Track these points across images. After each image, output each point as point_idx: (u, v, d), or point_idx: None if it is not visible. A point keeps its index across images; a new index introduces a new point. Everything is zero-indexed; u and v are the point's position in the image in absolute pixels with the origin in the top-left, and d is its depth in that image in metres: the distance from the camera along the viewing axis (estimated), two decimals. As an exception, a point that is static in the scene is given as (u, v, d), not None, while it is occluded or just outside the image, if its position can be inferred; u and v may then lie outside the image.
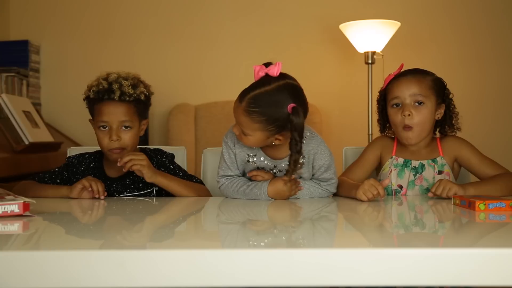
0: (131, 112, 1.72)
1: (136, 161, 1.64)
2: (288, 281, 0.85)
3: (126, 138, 1.71)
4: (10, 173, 2.32)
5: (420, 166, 1.72)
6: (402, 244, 1.01)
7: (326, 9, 3.57)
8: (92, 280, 0.84)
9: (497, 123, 3.51)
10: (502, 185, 1.61)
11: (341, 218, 1.45)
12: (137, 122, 1.75)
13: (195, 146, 3.43)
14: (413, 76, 1.70)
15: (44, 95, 3.66)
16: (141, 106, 1.75)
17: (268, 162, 1.65)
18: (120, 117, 1.70)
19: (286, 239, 1.06)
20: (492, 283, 0.85)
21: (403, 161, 1.74)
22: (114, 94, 1.68)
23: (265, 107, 1.50)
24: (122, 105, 1.70)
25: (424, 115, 1.68)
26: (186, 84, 3.66)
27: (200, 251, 0.89)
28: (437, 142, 1.76)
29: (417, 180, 1.71)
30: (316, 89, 3.19)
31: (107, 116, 1.70)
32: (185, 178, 1.79)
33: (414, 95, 1.68)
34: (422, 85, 1.68)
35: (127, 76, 1.74)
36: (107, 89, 1.69)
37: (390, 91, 1.73)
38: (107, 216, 1.45)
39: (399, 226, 1.24)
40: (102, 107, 1.70)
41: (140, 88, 1.74)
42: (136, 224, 1.27)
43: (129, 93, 1.69)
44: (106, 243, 1.05)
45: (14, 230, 1.13)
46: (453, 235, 1.11)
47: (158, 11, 3.67)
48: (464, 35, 3.53)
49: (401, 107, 1.69)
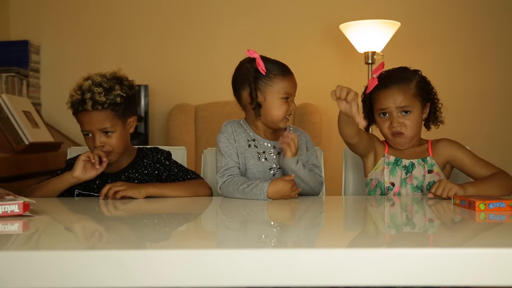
0: (109, 117, 1.70)
1: (117, 187, 1.63)
2: (288, 281, 0.85)
3: (110, 142, 1.72)
4: (10, 173, 2.31)
5: (411, 165, 1.74)
6: (402, 244, 1.01)
7: (326, 9, 3.57)
8: (92, 280, 0.84)
9: (498, 123, 3.51)
10: (499, 183, 1.64)
11: (341, 218, 1.45)
12: (119, 125, 1.73)
13: (195, 146, 3.43)
14: (397, 88, 1.72)
15: (44, 95, 3.66)
16: (120, 108, 1.72)
17: (268, 144, 1.76)
18: (98, 125, 1.70)
19: (286, 239, 1.06)
20: (492, 283, 0.85)
21: (394, 159, 1.76)
22: (86, 105, 1.68)
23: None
24: (97, 113, 1.69)
25: (412, 121, 1.72)
26: (186, 84, 3.66)
27: (200, 251, 0.89)
28: (428, 144, 1.79)
29: (408, 179, 1.74)
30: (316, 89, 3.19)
31: (87, 126, 1.71)
32: (180, 173, 1.80)
33: (400, 107, 1.71)
34: (407, 95, 1.71)
35: (102, 80, 1.71)
36: (80, 100, 1.69)
37: (376, 101, 1.76)
38: (107, 216, 1.45)
39: (399, 226, 1.24)
40: (81, 116, 1.72)
41: (115, 91, 1.70)
42: (136, 224, 1.27)
43: (101, 101, 1.67)
44: (106, 243, 1.05)
45: (14, 230, 1.13)
46: (453, 235, 1.11)
47: (159, 11, 3.67)
48: (464, 35, 3.53)
49: (389, 118, 1.73)
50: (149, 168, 1.80)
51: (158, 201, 1.67)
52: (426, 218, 1.35)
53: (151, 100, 3.58)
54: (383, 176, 1.74)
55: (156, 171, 1.80)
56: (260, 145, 1.76)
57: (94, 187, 1.77)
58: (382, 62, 1.75)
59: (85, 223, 1.31)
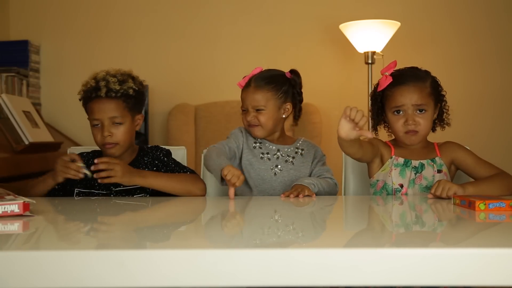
0: (121, 108, 1.76)
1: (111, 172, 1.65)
2: (288, 281, 0.85)
3: (118, 133, 1.75)
4: (10, 173, 2.31)
5: (420, 166, 1.74)
6: (402, 244, 1.01)
7: (326, 9, 3.56)
8: (92, 280, 0.84)
9: (498, 123, 3.51)
10: (499, 183, 1.65)
11: (341, 217, 1.45)
12: (128, 118, 1.78)
13: (195, 146, 3.43)
14: (414, 85, 1.71)
15: (44, 95, 3.66)
16: (131, 101, 1.78)
17: (273, 146, 1.88)
18: (109, 113, 1.74)
19: (286, 239, 1.06)
20: (492, 283, 0.85)
21: (403, 161, 1.75)
22: (100, 91, 1.73)
23: (270, 78, 1.85)
24: (110, 101, 1.74)
25: (426, 120, 1.72)
26: (186, 84, 3.66)
27: (200, 251, 0.89)
28: (434, 145, 1.80)
29: (417, 179, 1.73)
30: (316, 89, 3.19)
31: (97, 114, 1.74)
32: (176, 169, 1.81)
33: (416, 105, 1.70)
34: (423, 94, 1.71)
35: (116, 73, 1.78)
36: (94, 87, 1.74)
37: (391, 98, 1.74)
38: (107, 216, 1.45)
39: (399, 226, 1.24)
40: (92, 105, 1.76)
41: (128, 83, 1.76)
42: (136, 224, 1.27)
43: (115, 89, 1.73)
44: (106, 243, 1.05)
45: (14, 230, 1.13)
46: (453, 235, 1.11)
47: (159, 12, 3.67)
48: (464, 35, 3.53)
49: (404, 115, 1.71)
50: (149, 166, 1.82)
51: (158, 201, 1.67)
52: (426, 218, 1.35)
53: (151, 100, 3.58)
54: (390, 177, 1.73)
55: (155, 167, 1.81)
56: (265, 147, 1.88)
57: (95, 184, 1.77)
58: (394, 60, 1.75)
59: (85, 223, 1.31)
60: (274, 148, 1.87)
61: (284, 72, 1.89)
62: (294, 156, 1.87)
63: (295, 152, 1.88)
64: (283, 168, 1.85)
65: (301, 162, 1.87)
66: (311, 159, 1.89)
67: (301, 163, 1.87)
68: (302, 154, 1.88)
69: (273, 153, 1.86)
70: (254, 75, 1.86)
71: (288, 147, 1.89)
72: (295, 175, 1.84)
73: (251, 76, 1.86)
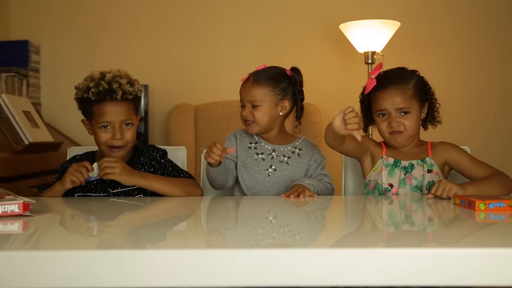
0: (131, 110, 1.76)
1: (109, 169, 1.65)
2: (288, 281, 0.85)
3: (128, 135, 1.75)
4: (10, 173, 2.31)
5: (410, 166, 1.75)
6: (401, 244, 1.01)
7: (326, 9, 3.56)
8: (92, 280, 0.84)
9: (498, 123, 3.50)
10: (497, 183, 1.65)
11: (341, 218, 1.45)
12: (135, 119, 1.79)
13: (195, 146, 3.43)
14: (396, 88, 1.72)
15: (44, 95, 3.66)
16: (137, 103, 1.82)
17: (268, 146, 1.87)
18: (122, 116, 1.73)
19: (286, 239, 1.06)
20: (492, 283, 0.85)
21: (393, 161, 1.76)
22: (116, 94, 1.70)
23: (269, 74, 1.83)
24: (123, 104, 1.73)
25: (410, 121, 1.73)
26: (186, 84, 3.66)
27: (200, 251, 0.89)
28: (427, 145, 1.80)
29: (407, 179, 1.74)
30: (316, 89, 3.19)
31: (109, 116, 1.71)
32: (173, 172, 1.81)
33: (399, 108, 1.71)
34: (405, 96, 1.71)
35: (120, 74, 1.75)
36: (108, 90, 1.70)
37: (374, 101, 1.76)
38: (107, 216, 1.45)
39: (399, 226, 1.24)
40: (104, 107, 1.71)
41: (137, 85, 1.78)
42: (135, 224, 1.27)
43: (129, 91, 1.72)
44: (106, 243, 1.05)
45: (14, 230, 1.13)
46: (453, 235, 1.11)
47: (159, 12, 3.67)
48: (464, 35, 3.53)
49: (387, 118, 1.73)
50: (145, 166, 1.81)
51: (158, 201, 1.67)
52: (426, 218, 1.35)
53: (151, 100, 3.58)
54: (381, 177, 1.75)
55: (152, 168, 1.81)
56: (260, 147, 1.87)
57: (91, 188, 1.77)
58: (380, 62, 1.76)
59: (85, 223, 1.31)
60: (270, 148, 1.86)
61: (285, 70, 1.87)
62: (290, 156, 1.86)
63: (291, 152, 1.86)
64: (277, 168, 1.84)
65: (297, 162, 1.85)
66: (307, 161, 1.87)
67: (297, 163, 1.85)
68: (299, 154, 1.87)
69: (268, 153, 1.85)
70: (255, 71, 1.86)
71: (284, 147, 1.87)
72: (289, 176, 1.83)
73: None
